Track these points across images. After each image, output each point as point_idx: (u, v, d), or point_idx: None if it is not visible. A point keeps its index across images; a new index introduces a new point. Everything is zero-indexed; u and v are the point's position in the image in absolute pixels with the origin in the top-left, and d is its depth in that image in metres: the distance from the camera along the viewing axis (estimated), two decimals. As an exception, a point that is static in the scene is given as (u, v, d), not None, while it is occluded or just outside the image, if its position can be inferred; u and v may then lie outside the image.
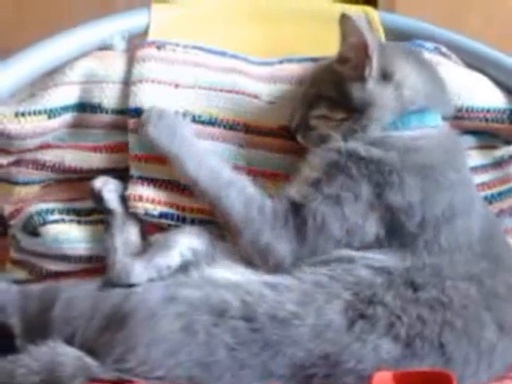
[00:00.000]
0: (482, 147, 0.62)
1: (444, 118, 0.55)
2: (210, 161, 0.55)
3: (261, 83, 0.62)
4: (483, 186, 0.61)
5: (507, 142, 0.63)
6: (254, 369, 0.44)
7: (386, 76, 0.53)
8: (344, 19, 0.53)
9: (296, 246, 0.50)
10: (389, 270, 0.48)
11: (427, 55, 0.62)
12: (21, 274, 0.61)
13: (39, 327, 0.51)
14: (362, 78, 0.52)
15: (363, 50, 0.52)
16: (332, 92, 0.54)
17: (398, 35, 0.65)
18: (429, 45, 0.64)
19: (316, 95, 0.56)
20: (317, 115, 0.55)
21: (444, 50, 0.65)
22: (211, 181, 0.53)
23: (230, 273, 0.51)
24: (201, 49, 0.63)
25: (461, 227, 0.50)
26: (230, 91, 0.61)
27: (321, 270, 0.49)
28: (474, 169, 0.61)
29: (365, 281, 0.47)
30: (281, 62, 0.64)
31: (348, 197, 0.50)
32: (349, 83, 0.53)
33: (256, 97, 0.61)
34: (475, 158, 0.62)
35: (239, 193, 0.53)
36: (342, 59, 0.54)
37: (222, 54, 0.63)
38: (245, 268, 0.51)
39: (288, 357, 0.44)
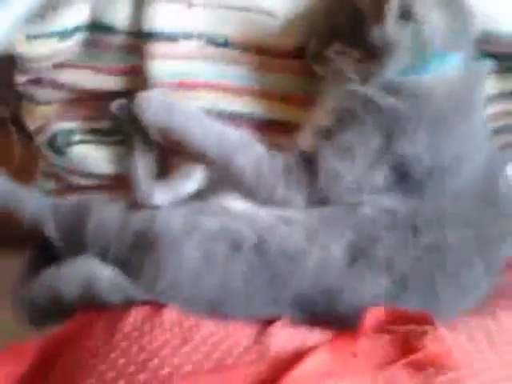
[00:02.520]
0: (503, 72, 0.60)
1: (465, 57, 0.53)
2: (213, 127, 0.55)
3: None
4: (495, 116, 0.60)
5: None
6: (264, 297, 0.50)
7: (405, 15, 0.50)
8: None
9: (309, 197, 0.52)
10: (394, 212, 0.51)
11: None
12: (50, 186, 0.65)
13: (74, 241, 0.55)
14: (380, 17, 0.49)
15: None
16: (349, 28, 0.52)
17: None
18: None
19: (333, 27, 0.53)
20: (334, 49, 0.53)
21: None
22: (219, 148, 0.54)
23: (245, 204, 0.54)
24: None
25: (465, 175, 0.52)
26: (243, 9, 0.58)
27: (328, 208, 0.52)
28: (491, 97, 0.60)
29: (369, 219, 0.51)
30: None
31: (359, 149, 0.51)
32: (367, 21, 0.50)
33: (271, 14, 0.58)
34: (494, 83, 0.60)
35: (248, 154, 0.54)
36: None
37: None
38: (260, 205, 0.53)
39: (294, 289, 0.49)
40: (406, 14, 0.50)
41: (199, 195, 0.57)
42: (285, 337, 0.45)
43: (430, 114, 0.51)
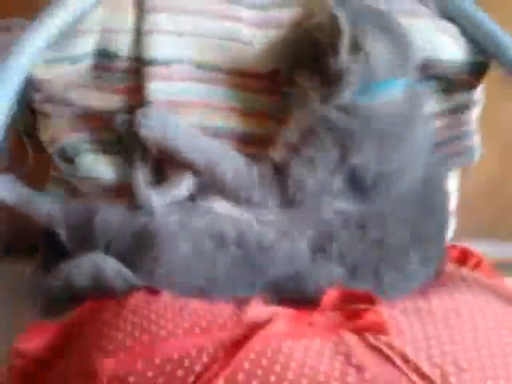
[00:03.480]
0: (442, 92, 0.69)
1: (409, 82, 0.61)
2: (200, 141, 0.63)
3: (253, 28, 0.67)
4: (437, 130, 0.69)
5: (464, 91, 0.69)
6: (243, 283, 0.58)
7: (355, 48, 0.57)
8: (317, 4, 0.57)
9: (280, 200, 0.61)
10: (346, 214, 0.60)
11: (404, 4, 0.66)
12: (60, 191, 0.71)
13: (82, 239, 0.61)
14: (334, 50, 0.57)
15: (335, 26, 0.56)
16: (312, 57, 0.59)
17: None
18: None
19: (299, 56, 0.61)
20: (298, 76, 0.61)
21: None
22: (204, 159, 0.62)
23: (228, 207, 0.62)
24: None
25: (407, 182, 0.61)
26: (226, 38, 0.66)
27: (295, 210, 0.60)
28: (433, 114, 0.68)
29: (327, 221, 0.59)
30: (273, 6, 0.68)
31: (320, 159, 0.59)
32: (325, 52, 0.58)
33: (249, 43, 0.67)
34: (435, 102, 0.69)
35: (229, 164, 0.61)
36: (318, 30, 0.59)
37: None
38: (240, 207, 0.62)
39: (268, 276, 0.58)
40: (355, 47, 0.58)
41: (190, 199, 0.63)
42: (258, 310, 0.53)
43: (377, 132, 0.59)
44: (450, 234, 0.72)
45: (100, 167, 0.67)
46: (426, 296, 0.57)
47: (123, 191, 0.65)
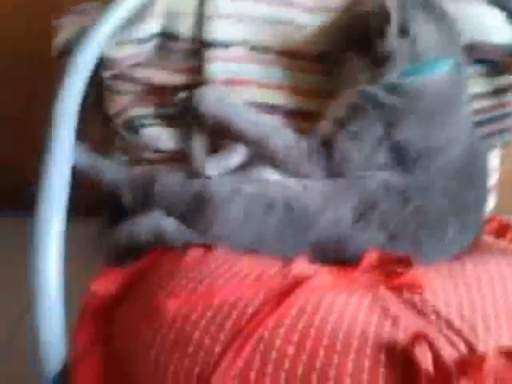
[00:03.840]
0: (487, 75, 0.72)
1: (455, 63, 0.64)
2: (253, 116, 0.67)
3: (306, 13, 0.72)
4: (481, 111, 0.71)
5: (508, 73, 0.71)
6: (289, 244, 0.62)
7: (403, 32, 0.61)
8: None
9: (326, 171, 0.65)
10: (389, 185, 0.63)
11: None
12: (125, 159, 0.76)
13: (144, 201, 0.66)
14: (383, 34, 0.61)
15: (384, 11, 0.60)
16: (360, 40, 0.63)
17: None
18: None
19: (349, 38, 0.65)
20: (347, 57, 0.65)
21: None
22: (257, 133, 0.66)
23: (277, 176, 0.67)
24: None
25: (450, 156, 0.64)
26: (280, 23, 0.71)
27: (340, 180, 0.65)
28: (478, 95, 0.71)
29: (370, 190, 0.63)
30: None
31: (366, 135, 0.63)
32: (374, 35, 0.62)
33: (302, 26, 0.71)
34: (480, 84, 0.72)
35: (279, 137, 0.65)
36: (367, 15, 0.62)
37: None
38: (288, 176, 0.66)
39: (312, 239, 0.62)
40: (403, 31, 0.61)
41: (242, 168, 0.68)
42: (302, 266, 0.57)
43: (421, 110, 0.63)
44: (490, 208, 0.74)
45: (162, 138, 0.72)
46: (462, 261, 0.60)
47: (182, 160, 0.70)
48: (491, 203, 0.75)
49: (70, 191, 0.62)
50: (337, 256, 0.62)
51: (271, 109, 0.71)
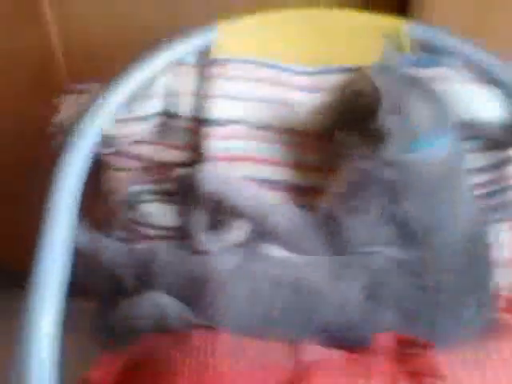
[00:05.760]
0: (484, 150, 0.72)
1: (450, 137, 0.64)
2: (253, 192, 0.66)
3: (304, 92, 0.73)
4: (480, 186, 0.71)
5: (506, 147, 0.72)
6: (295, 327, 0.59)
7: (395, 110, 0.61)
8: (359, 70, 0.63)
9: (330, 248, 0.63)
10: (398, 261, 0.61)
11: (440, 70, 0.71)
12: (125, 236, 0.73)
13: (144, 280, 0.63)
14: (374, 114, 0.61)
15: (374, 93, 0.61)
16: (353, 119, 0.63)
17: (426, 48, 0.73)
18: (446, 59, 0.72)
19: (342, 118, 0.65)
20: (345, 135, 0.65)
21: (459, 64, 0.72)
22: (257, 210, 0.65)
23: (282, 252, 0.64)
24: (256, 63, 0.74)
25: (455, 231, 0.62)
26: (279, 102, 0.72)
27: (347, 256, 0.62)
28: (476, 170, 0.71)
29: (379, 267, 0.61)
30: (322, 72, 0.75)
31: (368, 208, 0.62)
32: (365, 116, 0.62)
33: (300, 105, 0.72)
34: (477, 160, 0.72)
35: (281, 214, 0.64)
36: (359, 95, 0.63)
37: (273, 67, 0.74)
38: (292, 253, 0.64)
39: (319, 320, 0.59)
40: (395, 110, 0.61)
41: (244, 244, 0.65)
42: (314, 351, 0.54)
43: (422, 184, 0.62)
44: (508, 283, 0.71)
45: (161, 214, 0.71)
46: (483, 344, 0.57)
47: (182, 237, 0.69)
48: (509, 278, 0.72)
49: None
50: (347, 338, 0.59)
51: (271, 184, 0.71)
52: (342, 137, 0.66)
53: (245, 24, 0.75)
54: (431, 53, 0.73)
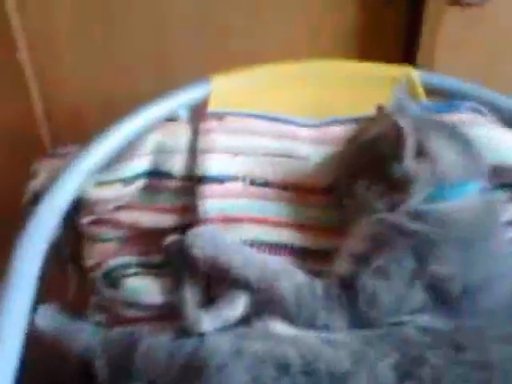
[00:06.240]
0: None
1: (481, 186, 0.57)
2: (255, 257, 0.58)
3: (309, 145, 0.67)
4: None
5: None
6: None
7: (420, 153, 0.55)
8: (379, 110, 0.57)
9: (350, 319, 0.53)
10: (434, 331, 0.51)
11: (463, 115, 0.66)
12: (101, 318, 0.65)
13: (122, 372, 0.54)
14: (398, 157, 0.55)
15: (398, 133, 0.54)
16: (371, 165, 0.57)
17: (437, 94, 0.69)
18: (467, 104, 0.67)
19: (356, 166, 0.59)
20: (359, 186, 0.58)
21: (481, 108, 0.67)
22: (261, 276, 0.56)
23: (289, 328, 0.54)
24: (256, 116, 0.68)
25: (498, 291, 0.53)
26: (282, 155, 0.66)
27: (370, 330, 0.52)
28: (510, 222, 0.63)
29: (413, 341, 0.50)
30: (327, 123, 0.69)
31: (394, 269, 0.53)
32: (388, 160, 0.55)
33: (305, 159, 0.66)
34: (510, 211, 0.63)
35: (288, 281, 0.55)
36: (378, 137, 0.57)
37: (275, 119, 0.68)
38: (303, 328, 0.53)
39: None
40: (421, 153, 0.55)
41: (244, 321, 0.57)
42: None
43: (456, 236, 0.53)
44: None
45: (147, 291, 0.63)
46: None
47: (171, 317, 0.61)
48: None
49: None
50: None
51: (275, 248, 0.62)
52: (356, 188, 0.58)
53: (241, 76, 0.71)
54: (446, 99, 0.67)
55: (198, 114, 0.68)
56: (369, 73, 0.71)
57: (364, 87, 0.69)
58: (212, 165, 0.64)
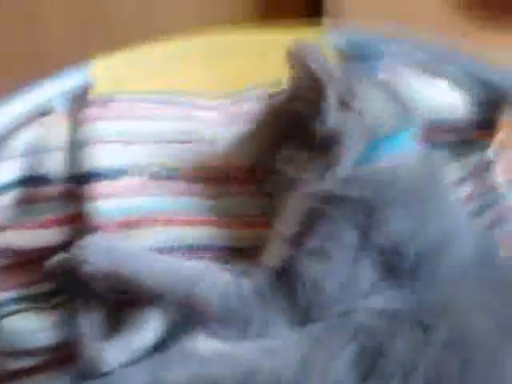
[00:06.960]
0: (456, 159, 0.59)
1: (416, 136, 0.51)
2: (166, 264, 0.49)
3: (215, 127, 0.59)
4: (468, 198, 0.57)
5: (479, 149, 0.60)
6: None
7: (344, 105, 0.48)
8: (290, 55, 0.49)
9: (291, 317, 0.44)
10: (393, 313, 0.43)
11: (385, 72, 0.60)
12: None
13: None
14: (319, 112, 0.48)
15: (315, 83, 0.48)
16: (292, 132, 0.50)
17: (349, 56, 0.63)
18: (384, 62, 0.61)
19: (276, 137, 0.51)
20: (282, 159, 0.50)
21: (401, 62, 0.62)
22: (176, 285, 0.47)
23: (218, 344, 0.44)
24: (148, 100, 0.59)
25: (458, 254, 0.46)
26: (185, 141, 0.57)
27: (317, 325, 0.43)
28: (456, 182, 0.57)
29: (369, 329, 0.42)
30: (232, 102, 0.61)
31: (333, 247, 0.45)
32: (308, 119, 0.48)
33: (213, 143, 0.57)
34: (454, 170, 0.58)
35: (210, 285, 0.46)
36: (294, 96, 0.50)
37: (170, 102, 0.60)
38: (234, 340, 0.44)
39: None
40: (344, 105, 0.48)
41: (160, 345, 0.47)
42: None
43: (398, 195, 0.47)
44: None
45: (31, 332, 0.51)
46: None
47: (67, 359, 0.49)
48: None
49: None
50: None
51: (191, 252, 0.52)
52: (283, 161, 0.50)
53: (126, 57, 0.63)
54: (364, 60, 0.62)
55: (78, 103, 0.58)
56: (273, 39, 0.64)
57: (267, 56, 0.62)
58: (99, 158, 0.54)
